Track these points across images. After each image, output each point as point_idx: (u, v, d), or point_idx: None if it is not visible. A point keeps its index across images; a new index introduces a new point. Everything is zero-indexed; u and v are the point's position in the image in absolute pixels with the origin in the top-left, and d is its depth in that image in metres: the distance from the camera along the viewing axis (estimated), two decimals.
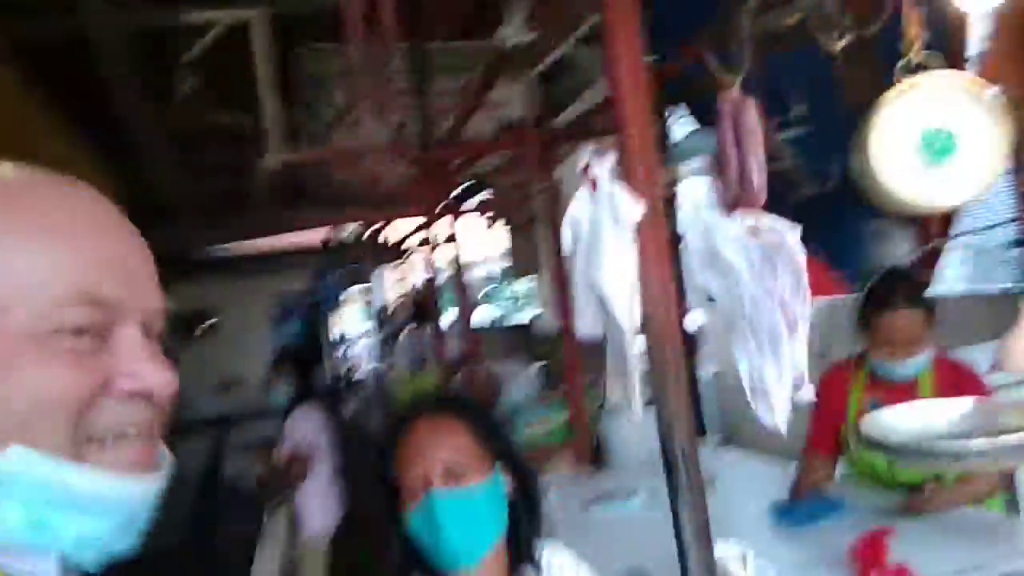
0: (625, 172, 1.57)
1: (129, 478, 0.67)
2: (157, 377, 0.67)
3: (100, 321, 0.65)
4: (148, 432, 0.69)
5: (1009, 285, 4.15)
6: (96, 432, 0.65)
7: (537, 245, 3.81)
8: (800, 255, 1.25)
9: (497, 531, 1.37)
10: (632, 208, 1.53)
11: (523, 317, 11.31)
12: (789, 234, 1.26)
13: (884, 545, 1.87)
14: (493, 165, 4.37)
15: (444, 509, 1.30)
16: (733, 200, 1.29)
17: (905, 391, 2.44)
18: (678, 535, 1.59)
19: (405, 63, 4.25)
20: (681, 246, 1.34)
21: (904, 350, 2.33)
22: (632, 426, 3.44)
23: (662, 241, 1.59)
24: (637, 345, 1.53)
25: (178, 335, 12.64)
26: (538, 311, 6.04)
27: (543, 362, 5.46)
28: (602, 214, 1.55)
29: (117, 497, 0.66)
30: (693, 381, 3.91)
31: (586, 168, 1.60)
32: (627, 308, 1.49)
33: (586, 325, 1.62)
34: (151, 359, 0.68)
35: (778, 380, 1.25)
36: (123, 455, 0.67)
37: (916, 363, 2.34)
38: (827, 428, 2.61)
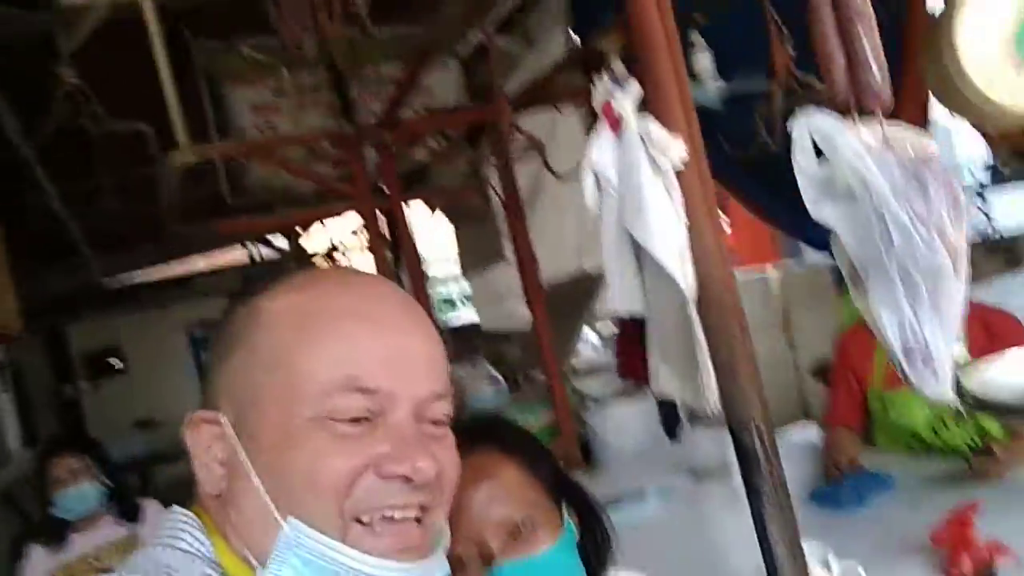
0: (654, 105, 1.26)
1: (390, 562, 0.70)
2: (418, 462, 0.71)
3: (370, 408, 0.72)
4: (415, 517, 0.73)
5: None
6: (362, 512, 0.70)
7: (492, 233, 3.47)
8: (951, 172, 0.95)
9: None
10: (673, 147, 1.21)
11: (463, 318, 10.89)
12: (933, 144, 0.96)
13: (972, 523, 1.60)
14: (426, 158, 4.02)
15: None
16: (844, 107, 0.99)
17: None
18: (764, 542, 1.28)
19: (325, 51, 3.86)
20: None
21: None
22: (620, 418, 3.14)
23: (708, 184, 1.28)
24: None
25: (85, 376, 11.81)
26: (483, 308, 5.68)
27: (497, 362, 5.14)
28: (635, 159, 1.22)
29: None
30: None
31: (607, 106, 1.27)
32: (681, 268, 1.18)
33: (624, 298, 1.29)
34: (414, 444, 0.72)
35: (941, 333, 0.95)
36: (387, 539, 0.71)
37: None
38: (853, 397, 2.37)
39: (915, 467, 2.17)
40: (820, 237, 4.04)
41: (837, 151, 0.95)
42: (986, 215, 3.96)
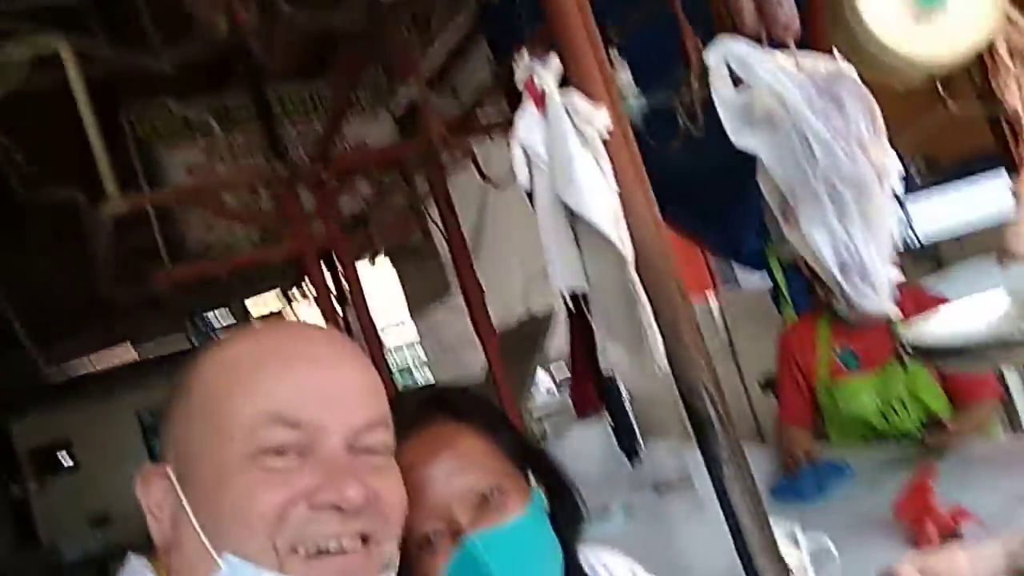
0: (576, 78, 1.28)
1: None
2: (347, 491, 0.72)
3: (298, 441, 0.73)
4: (353, 547, 0.73)
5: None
6: (297, 544, 0.71)
7: (436, 268, 3.44)
8: (865, 88, 0.97)
9: (559, 563, 0.96)
10: (597, 117, 1.22)
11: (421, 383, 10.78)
12: (844, 64, 0.98)
13: (931, 490, 1.60)
14: (361, 207, 4.02)
15: (491, 559, 0.88)
16: (755, 39, 1.00)
17: (876, 332, 2.24)
18: (727, 511, 1.25)
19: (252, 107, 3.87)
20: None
21: None
22: (579, 443, 3.10)
23: (634, 151, 1.29)
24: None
25: (33, 473, 11.29)
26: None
27: None
28: (562, 131, 1.23)
29: None
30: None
31: (529, 82, 1.28)
32: (617, 232, 1.18)
33: (565, 274, 1.28)
34: (343, 473, 0.73)
35: (875, 246, 0.95)
36: (325, 570, 0.72)
37: None
38: (801, 394, 2.38)
39: (870, 454, 2.17)
40: (752, 255, 4.09)
41: (754, 74, 0.97)
42: (907, 223, 4.09)
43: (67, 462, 11.59)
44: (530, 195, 1.35)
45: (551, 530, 0.97)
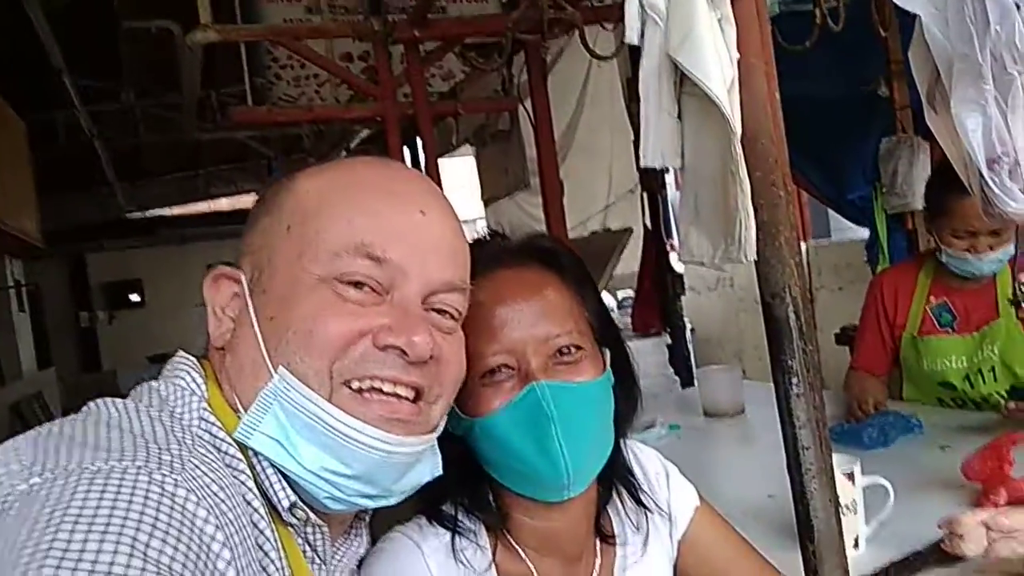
0: None
1: (371, 428, 0.70)
2: (415, 336, 0.71)
3: (378, 278, 0.73)
4: (407, 395, 0.73)
5: None
6: (352, 378, 0.71)
7: (517, 157, 3.32)
8: None
9: (611, 444, 0.96)
10: None
11: None
12: None
13: (1010, 459, 1.47)
14: (447, 87, 3.90)
15: (555, 413, 0.86)
16: None
17: (979, 292, 2.07)
18: (787, 427, 1.16)
19: None
20: None
21: (987, 240, 1.96)
22: (635, 350, 3.02)
23: (765, 24, 1.15)
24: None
25: (102, 306, 11.84)
26: None
27: None
28: None
29: (355, 443, 0.69)
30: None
31: None
32: (729, 102, 1.05)
33: (659, 149, 1.16)
34: (416, 320, 0.73)
35: None
36: (373, 407, 0.71)
37: (1000, 257, 1.97)
38: (883, 344, 2.23)
39: (944, 416, 2.03)
40: (856, 202, 3.88)
41: None
42: None
43: (135, 299, 12.09)
44: (636, 58, 1.23)
45: (613, 409, 0.95)
